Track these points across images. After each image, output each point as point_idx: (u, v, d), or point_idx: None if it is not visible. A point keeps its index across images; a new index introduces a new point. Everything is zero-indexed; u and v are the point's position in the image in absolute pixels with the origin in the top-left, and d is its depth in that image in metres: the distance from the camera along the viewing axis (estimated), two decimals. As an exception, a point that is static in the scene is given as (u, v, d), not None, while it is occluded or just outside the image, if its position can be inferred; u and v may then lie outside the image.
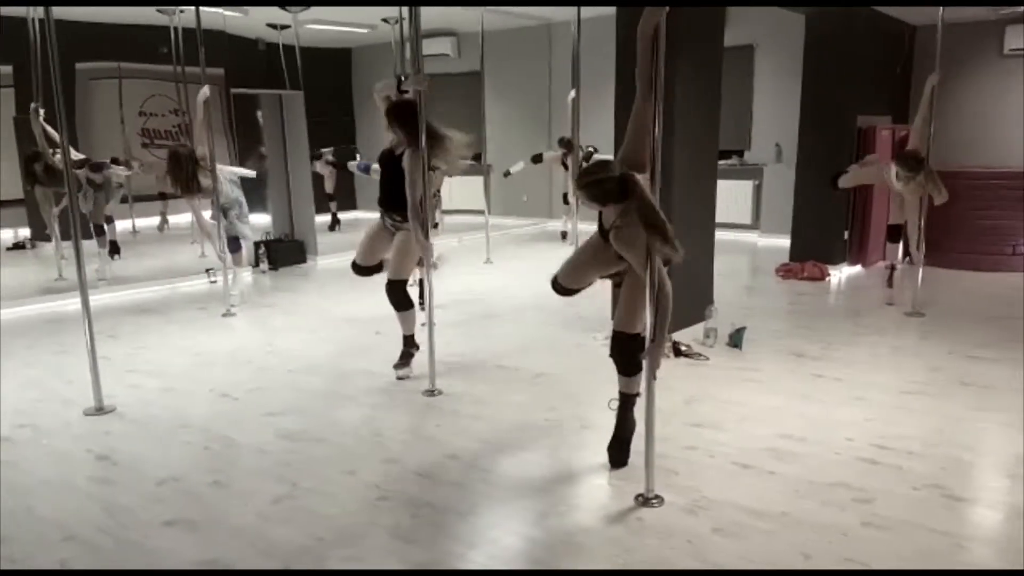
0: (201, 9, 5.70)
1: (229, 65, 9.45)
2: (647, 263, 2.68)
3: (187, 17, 7.37)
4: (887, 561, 2.36)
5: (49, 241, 7.42)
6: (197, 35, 5.70)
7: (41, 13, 4.31)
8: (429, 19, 9.04)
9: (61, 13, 4.74)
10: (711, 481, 2.89)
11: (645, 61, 2.65)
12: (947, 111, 7.56)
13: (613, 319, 3.10)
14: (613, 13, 4.82)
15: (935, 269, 6.64)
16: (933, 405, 3.69)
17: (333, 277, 7.38)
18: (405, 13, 5.13)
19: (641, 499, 2.74)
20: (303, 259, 8.04)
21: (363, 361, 4.54)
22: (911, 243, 5.67)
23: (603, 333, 3.06)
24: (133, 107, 9.69)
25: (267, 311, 6.02)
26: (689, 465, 3.03)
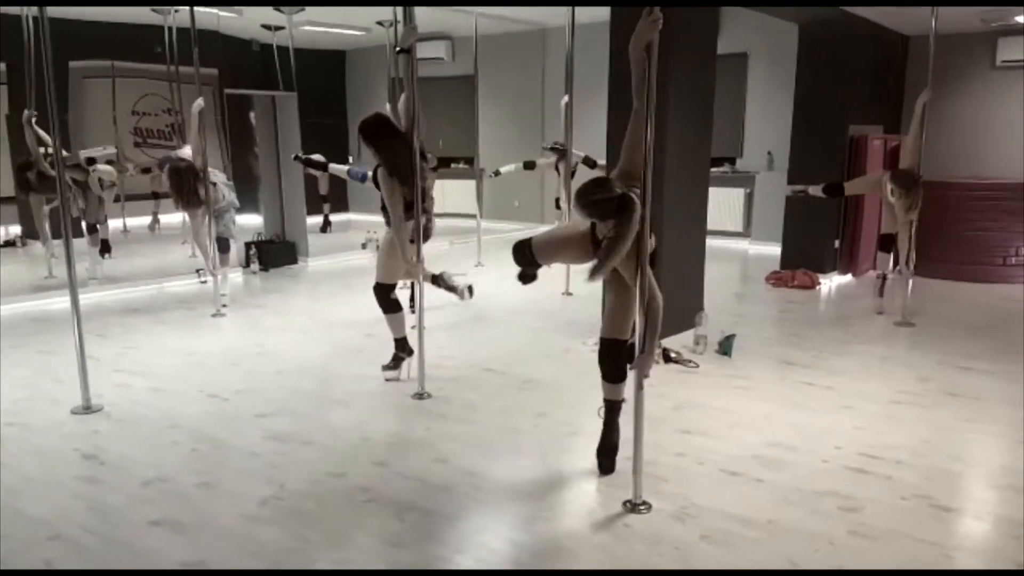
0: (196, 9, 5.69)
1: (223, 65, 9.43)
2: (636, 273, 2.69)
3: (181, 17, 7.36)
4: (874, 569, 2.36)
5: (38, 239, 7.38)
6: (191, 35, 5.69)
7: (35, 12, 4.29)
8: (424, 23, 9.05)
9: (56, 11, 4.74)
10: (699, 488, 2.90)
11: (639, 76, 2.66)
12: (940, 122, 7.62)
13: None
14: (607, 19, 4.83)
15: (926, 279, 6.68)
16: (922, 415, 3.70)
17: (324, 278, 7.36)
18: (399, 16, 5.13)
19: (629, 505, 2.73)
20: (294, 260, 8.02)
21: (353, 363, 4.53)
22: (902, 255, 5.72)
23: (593, 339, 3.07)
24: (126, 106, 9.64)
25: (257, 312, 6.00)
26: (678, 472, 3.04)
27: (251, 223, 8.60)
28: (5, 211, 8.56)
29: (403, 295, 4.28)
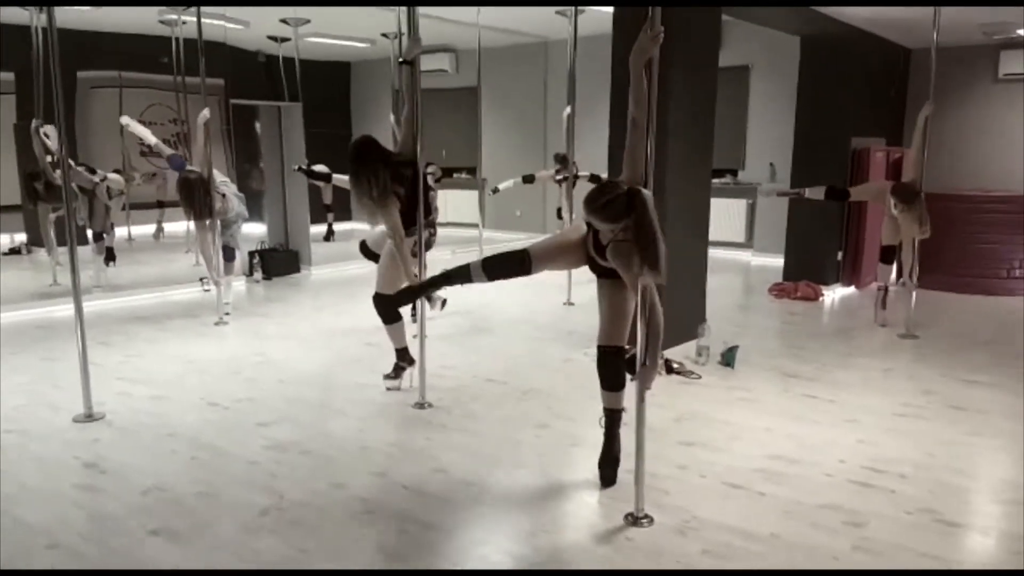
0: (203, 20, 5.73)
1: (229, 76, 9.50)
2: (639, 281, 2.69)
3: (188, 28, 7.41)
4: (876, 584, 2.35)
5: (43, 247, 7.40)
6: (198, 46, 5.73)
7: (45, 22, 4.32)
8: (428, 35, 9.09)
9: (64, 22, 4.76)
10: (701, 501, 2.88)
11: (637, 86, 2.66)
12: (942, 135, 7.62)
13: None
14: (609, 32, 4.86)
15: (930, 291, 6.66)
16: (926, 428, 3.68)
17: (326, 287, 7.37)
18: (404, 27, 5.15)
19: (631, 518, 2.71)
20: (297, 269, 8.03)
21: (354, 372, 4.53)
22: (904, 268, 5.72)
23: (593, 349, 3.05)
24: (132, 115, 9.58)
25: (259, 320, 6.00)
26: (680, 485, 3.02)
27: (255, 231, 8.63)
28: (11, 219, 8.60)
29: (404, 308, 4.26)
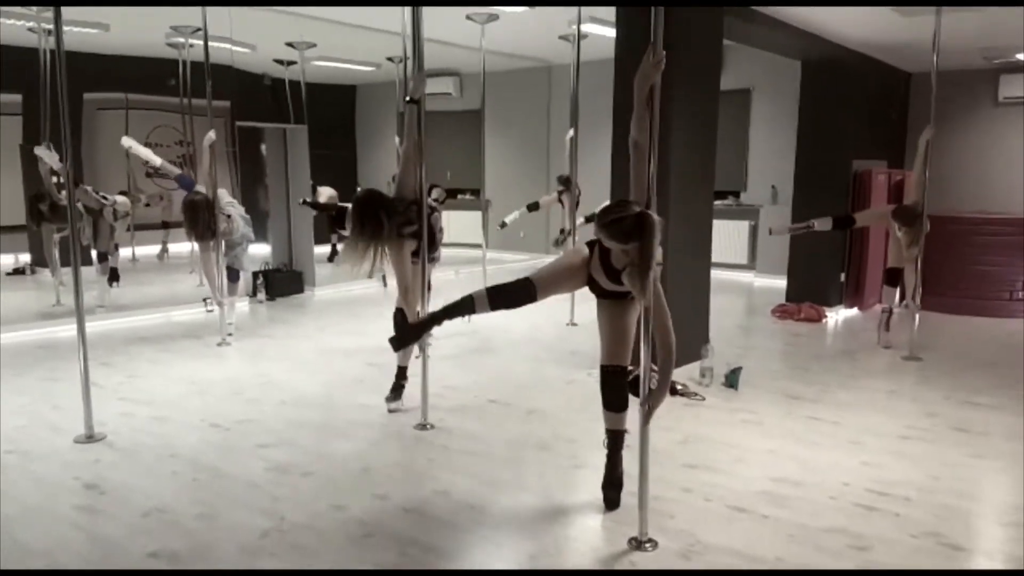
0: (209, 44, 5.80)
1: (235, 98, 9.57)
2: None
3: (195, 51, 7.50)
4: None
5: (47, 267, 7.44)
6: (205, 69, 5.79)
7: (53, 44, 4.38)
8: (433, 59, 9.19)
9: (72, 45, 4.82)
10: (706, 525, 2.86)
11: (640, 108, 2.68)
12: (944, 158, 7.66)
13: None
14: (611, 57, 4.91)
15: (933, 313, 6.65)
16: (930, 451, 3.66)
17: (330, 308, 7.38)
18: (409, 52, 5.20)
19: (634, 543, 2.69)
20: (300, 289, 8.05)
21: (356, 393, 4.52)
22: (907, 290, 5.72)
23: (596, 370, 3.04)
24: (139, 137, 9.68)
25: (262, 341, 6.00)
26: (684, 508, 2.99)
27: (259, 252, 8.65)
28: (14, 239, 8.64)
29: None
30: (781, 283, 7.51)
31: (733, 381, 4.62)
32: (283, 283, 7.90)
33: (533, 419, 4.10)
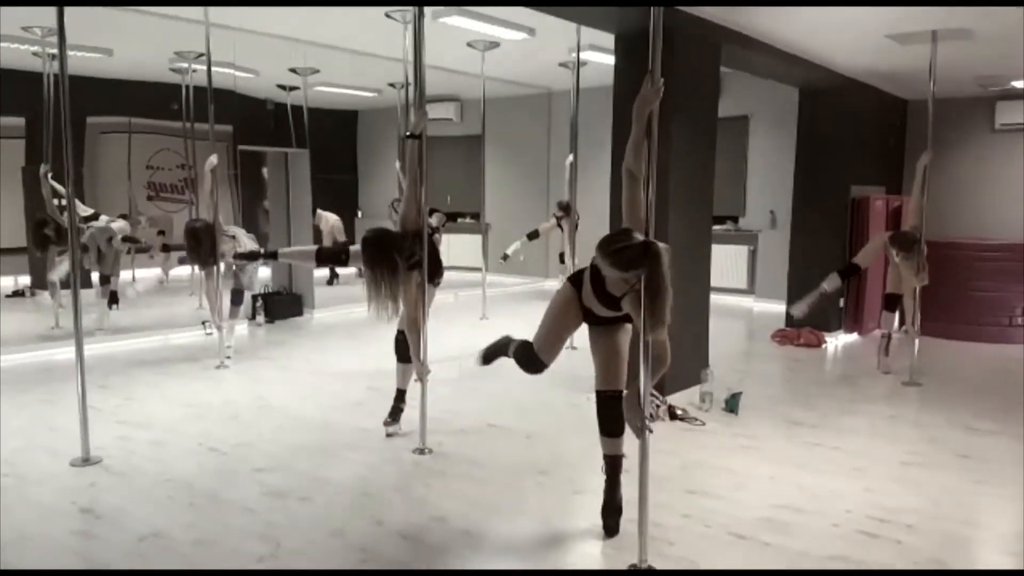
0: (212, 69, 5.86)
1: (238, 123, 9.66)
2: (641, 314, 2.64)
3: (198, 76, 7.58)
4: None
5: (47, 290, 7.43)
6: (208, 94, 5.84)
7: (56, 68, 4.44)
8: (433, 85, 9.29)
9: (76, 69, 4.88)
10: (706, 552, 2.83)
11: (638, 133, 2.70)
12: (941, 184, 7.70)
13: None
14: (610, 84, 4.97)
15: (933, 339, 6.64)
16: (932, 477, 3.63)
17: (328, 331, 7.37)
18: (411, 78, 5.25)
19: (634, 570, 2.66)
20: (300, 312, 8.05)
21: (354, 417, 4.50)
22: (907, 316, 5.72)
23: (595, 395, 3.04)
24: (141, 160, 9.85)
25: (261, 364, 5.98)
26: (684, 535, 2.97)
27: (260, 275, 8.65)
28: (12, 261, 8.65)
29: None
30: (780, 308, 7.50)
31: (733, 406, 4.60)
32: (282, 306, 7.90)
33: (532, 443, 4.07)
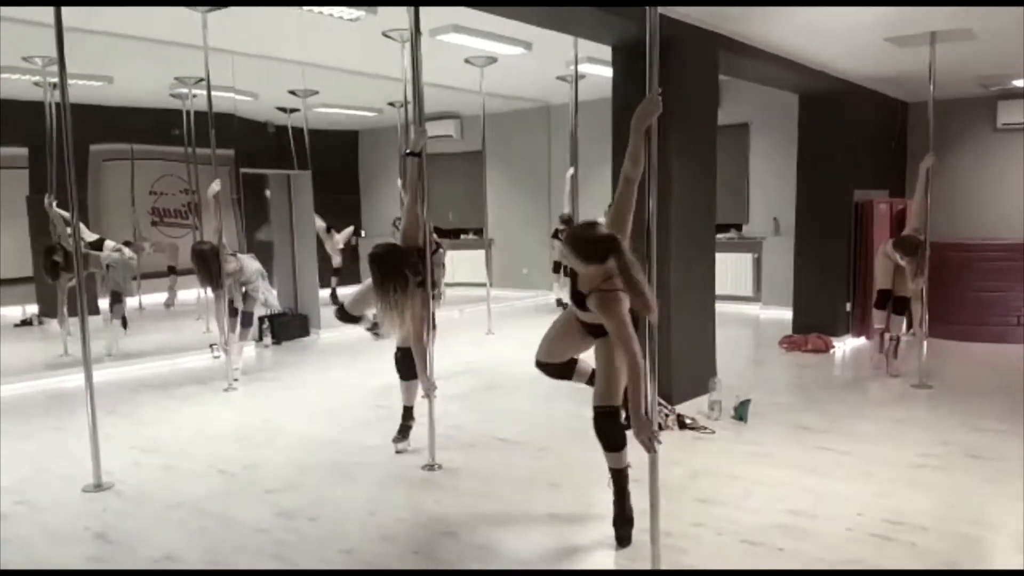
0: (212, 93, 5.92)
1: (239, 146, 9.73)
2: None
3: (199, 101, 7.65)
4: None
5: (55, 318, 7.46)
6: (209, 118, 5.90)
7: (58, 97, 4.49)
8: (433, 102, 9.36)
9: (77, 98, 4.94)
10: (719, 560, 2.81)
11: (636, 143, 2.72)
12: (944, 185, 7.69)
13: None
14: (609, 96, 5.00)
15: (940, 340, 6.62)
16: (943, 479, 3.61)
17: (335, 350, 7.38)
18: (410, 96, 5.30)
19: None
20: (306, 333, 8.06)
21: (363, 435, 4.49)
22: (914, 319, 5.71)
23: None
24: (144, 186, 9.93)
25: (268, 386, 5.99)
26: (696, 543, 2.95)
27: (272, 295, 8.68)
28: (23, 291, 8.70)
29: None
30: (787, 314, 7.50)
31: (742, 413, 4.58)
32: (288, 327, 7.91)
33: (542, 457, 4.06)
